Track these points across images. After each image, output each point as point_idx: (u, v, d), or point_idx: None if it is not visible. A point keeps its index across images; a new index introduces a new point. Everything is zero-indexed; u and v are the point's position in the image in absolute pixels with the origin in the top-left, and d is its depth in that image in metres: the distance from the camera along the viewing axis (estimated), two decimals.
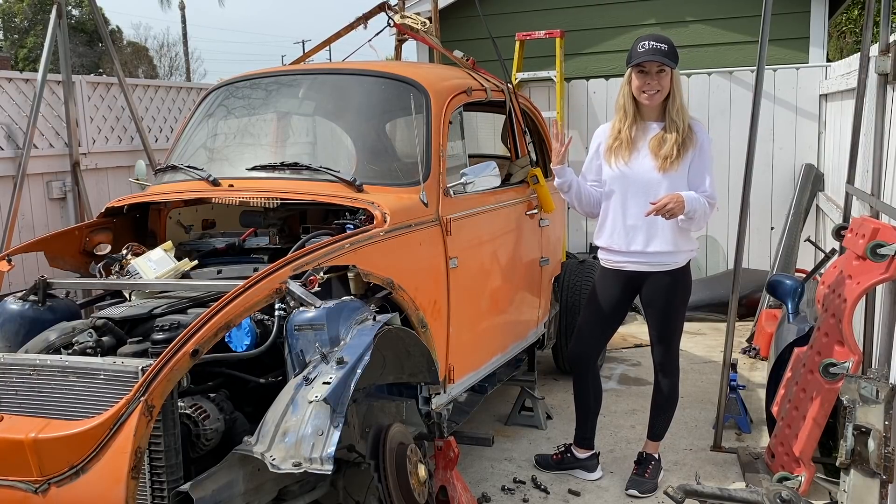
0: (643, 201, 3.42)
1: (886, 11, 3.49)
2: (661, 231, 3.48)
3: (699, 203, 3.37)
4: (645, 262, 3.55)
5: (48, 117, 5.21)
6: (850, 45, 15.07)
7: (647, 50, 3.38)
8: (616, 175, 3.53)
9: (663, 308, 3.59)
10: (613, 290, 3.66)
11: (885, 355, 3.31)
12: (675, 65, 3.40)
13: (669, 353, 3.67)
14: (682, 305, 3.62)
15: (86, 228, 3.50)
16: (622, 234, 3.55)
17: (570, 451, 3.89)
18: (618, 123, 3.54)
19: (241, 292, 2.48)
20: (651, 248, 3.50)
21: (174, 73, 35.66)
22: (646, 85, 3.42)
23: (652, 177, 3.44)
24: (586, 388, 3.80)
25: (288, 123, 4.01)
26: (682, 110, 3.46)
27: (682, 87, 3.51)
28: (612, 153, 3.53)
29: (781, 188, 6.86)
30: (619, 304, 3.68)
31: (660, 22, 7.59)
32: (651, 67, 3.39)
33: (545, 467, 3.91)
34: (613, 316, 3.72)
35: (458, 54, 4.45)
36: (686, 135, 3.44)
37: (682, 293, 3.60)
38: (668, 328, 3.62)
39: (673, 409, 3.78)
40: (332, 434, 2.20)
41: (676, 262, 3.55)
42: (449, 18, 7.78)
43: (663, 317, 3.60)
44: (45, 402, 2.43)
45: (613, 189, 3.55)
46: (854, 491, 2.68)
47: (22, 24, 29.65)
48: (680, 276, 3.57)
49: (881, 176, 3.60)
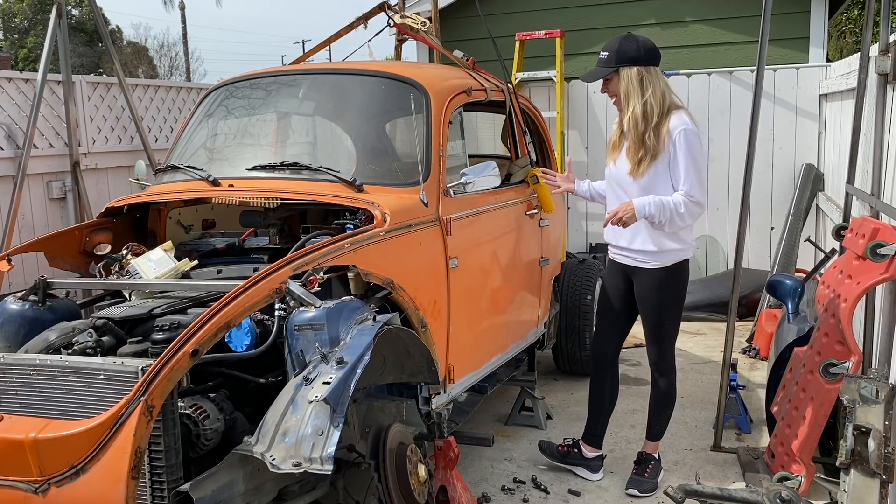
0: (624, 200, 3.52)
1: (886, 11, 3.49)
2: (642, 230, 3.52)
3: (658, 206, 3.36)
4: (634, 258, 3.61)
5: (48, 117, 5.20)
6: (850, 45, 15.08)
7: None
8: (608, 174, 3.69)
9: (653, 306, 3.61)
10: (617, 282, 3.73)
11: (885, 355, 3.31)
12: (608, 71, 3.47)
13: (663, 353, 3.68)
14: (673, 306, 3.61)
15: (86, 228, 3.49)
16: (613, 230, 3.64)
17: (578, 446, 3.88)
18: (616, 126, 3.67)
19: (241, 292, 2.48)
20: (634, 245, 3.57)
21: (174, 73, 35.67)
22: (608, 94, 3.60)
23: (628, 178, 3.52)
24: (602, 384, 3.82)
25: (288, 123, 4.01)
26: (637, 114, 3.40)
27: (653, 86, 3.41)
28: (608, 154, 3.68)
29: (781, 188, 6.86)
30: (625, 296, 3.72)
31: (659, 22, 7.59)
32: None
33: (548, 455, 3.89)
34: (623, 309, 3.74)
35: (458, 54, 4.45)
36: (651, 140, 3.40)
37: (673, 293, 3.59)
38: (658, 327, 3.64)
39: (671, 409, 3.78)
40: (332, 434, 2.20)
41: (661, 261, 3.54)
42: (449, 18, 7.78)
43: (654, 315, 3.62)
44: (45, 402, 2.43)
45: (608, 187, 3.72)
46: (854, 491, 2.68)
47: (22, 24, 29.65)
48: (669, 276, 3.55)
49: (881, 176, 3.60)
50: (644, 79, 3.43)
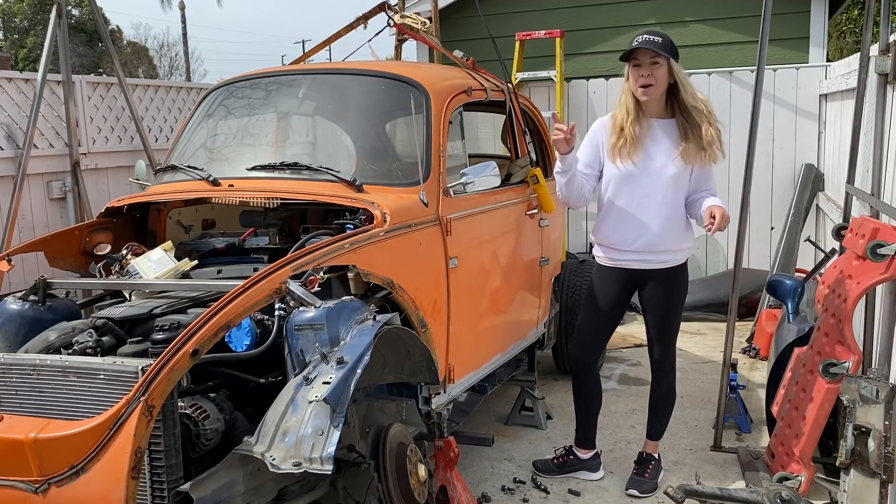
0: (650, 199, 3.46)
1: (886, 11, 3.49)
2: (669, 229, 3.50)
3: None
4: (649, 260, 3.55)
5: (48, 117, 5.20)
6: (850, 45, 15.08)
7: (641, 42, 3.37)
8: (622, 174, 3.50)
9: (663, 305, 3.59)
10: (612, 289, 3.66)
11: (885, 355, 3.31)
12: (669, 56, 3.36)
13: (667, 351, 3.68)
14: (680, 304, 3.64)
15: (86, 228, 3.49)
16: (628, 232, 3.53)
17: (573, 452, 3.88)
18: (620, 121, 3.49)
19: (241, 292, 2.48)
20: (658, 246, 3.51)
21: (174, 73, 35.67)
22: (640, 77, 3.38)
23: (661, 175, 3.45)
24: (588, 390, 3.80)
25: (288, 123, 4.01)
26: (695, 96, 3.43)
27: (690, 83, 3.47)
28: (618, 152, 3.48)
29: (781, 188, 6.86)
30: (619, 303, 3.68)
31: (660, 22, 7.59)
32: (644, 59, 3.37)
33: (547, 472, 3.86)
34: (613, 315, 3.71)
35: (458, 54, 4.45)
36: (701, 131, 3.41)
37: (681, 291, 3.63)
38: (667, 326, 3.64)
39: (671, 408, 3.79)
40: (332, 434, 2.20)
41: (678, 259, 3.58)
42: (449, 18, 7.78)
43: (663, 314, 3.61)
44: (45, 402, 2.43)
45: (618, 187, 3.53)
46: (854, 491, 2.68)
47: (22, 24, 29.65)
48: (679, 274, 3.60)
49: (881, 176, 3.60)
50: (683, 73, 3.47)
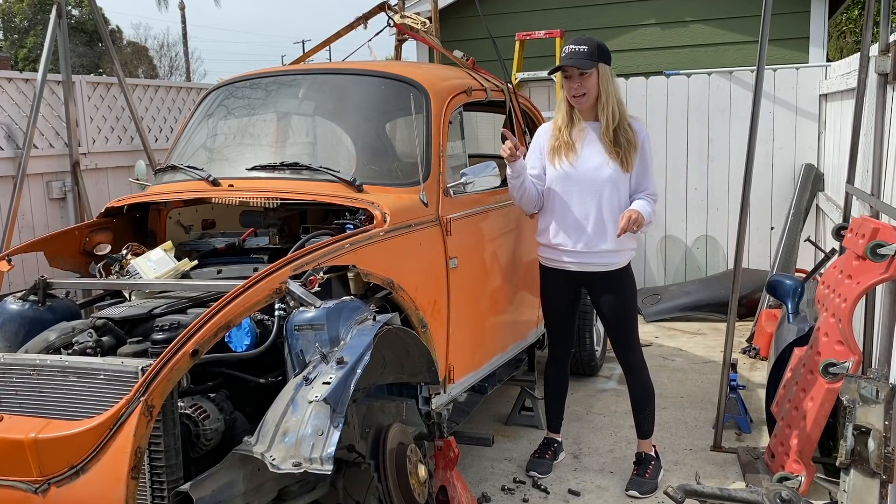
0: (588, 201, 3.54)
1: (886, 11, 3.49)
2: (607, 231, 3.54)
3: (651, 207, 3.51)
4: (590, 262, 3.61)
5: (48, 117, 5.21)
6: (850, 45, 15.08)
7: (566, 55, 3.48)
8: (560, 175, 3.59)
9: (614, 312, 3.66)
10: (561, 290, 3.76)
11: (885, 355, 3.31)
12: (594, 65, 3.43)
13: (632, 353, 3.74)
14: (632, 305, 3.72)
15: (86, 228, 3.49)
16: (568, 234, 3.60)
17: (552, 440, 4.02)
18: (558, 124, 3.61)
19: (241, 292, 2.48)
20: (597, 247, 3.57)
21: (174, 73, 35.68)
22: (571, 88, 3.50)
23: (597, 176, 3.52)
24: (559, 382, 3.96)
25: (288, 123, 4.00)
26: (615, 109, 3.49)
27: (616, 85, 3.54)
28: (555, 154, 3.61)
29: (781, 188, 6.86)
30: (569, 301, 3.79)
31: (659, 22, 7.60)
32: (573, 71, 3.47)
33: (544, 471, 3.88)
34: (567, 314, 3.83)
35: (458, 54, 4.45)
36: (626, 135, 3.50)
37: (631, 290, 3.70)
38: (625, 327, 3.70)
39: (652, 404, 3.82)
40: (332, 434, 2.20)
41: (619, 262, 3.62)
42: (449, 18, 7.79)
43: (619, 317, 3.67)
44: (45, 402, 2.43)
45: (557, 189, 3.61)
46: (854, 491, 2.68)
47: (22, 24, 29.65)
48: (625, 275, 3.66)
49: (881, 176, 3.60)
50: (614, 78, 3.55)
